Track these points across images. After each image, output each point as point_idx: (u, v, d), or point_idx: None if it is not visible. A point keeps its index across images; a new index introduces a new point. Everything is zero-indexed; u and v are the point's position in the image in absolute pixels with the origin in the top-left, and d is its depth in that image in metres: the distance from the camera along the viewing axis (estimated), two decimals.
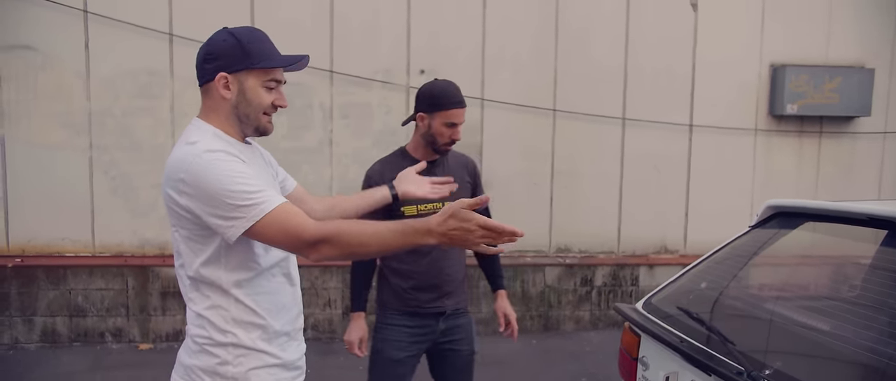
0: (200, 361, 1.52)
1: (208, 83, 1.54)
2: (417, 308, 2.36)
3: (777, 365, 1.71)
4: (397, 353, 2.34)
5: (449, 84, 2.30)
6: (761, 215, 2.36)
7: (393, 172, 2.21)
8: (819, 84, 5.16)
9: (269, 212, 1.40)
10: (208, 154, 1.43)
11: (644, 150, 5.17)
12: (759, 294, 2.35)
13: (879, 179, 5.52)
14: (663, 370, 2.08)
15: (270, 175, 1.69)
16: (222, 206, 1.40)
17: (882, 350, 1.71)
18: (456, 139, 2.29)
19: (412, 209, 2.27)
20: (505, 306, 2.57)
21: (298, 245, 1.42)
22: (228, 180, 1.40)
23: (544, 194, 5.10)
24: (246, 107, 1.55)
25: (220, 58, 1.51)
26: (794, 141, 5.37)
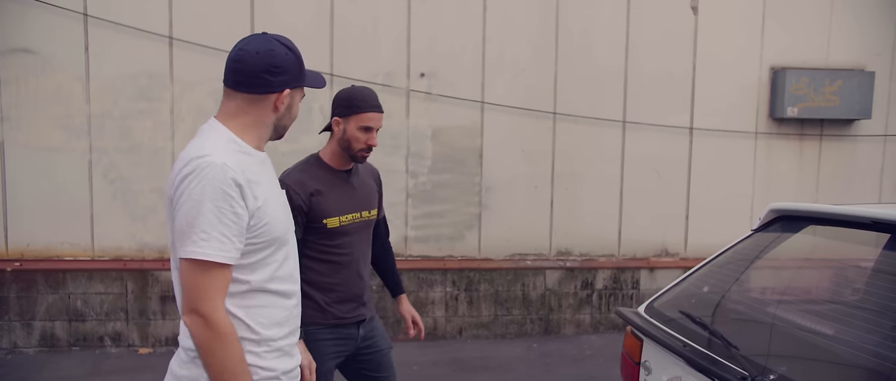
0: (190, 372, 1.50)
1: (265, 94, 1.52)
2: (339, 320, 2.31)
3: (781, 370, 1.70)
4: (324, 365, 2.28)
5: (366, 89, 2.29)
6: (764, 218, 2.35)
7: (313, 181, 2.23)
8: (819, 87, 5.15)
9: (198, 259, 1.39)
10: (217, 173, 1.41)
11: (644, 152, 5.16)
12: (762, 298, 2.34)
13: (880, 183, 5.51)
14: (666, 375, 2.07)
15: (277, 186, 1.67)
16: (188, 227, 1.41)
17: (885, 354, 1.70)
18: (372, 145, 2.25)
19: (335, 222, 2.25)
20: (410, 308, 2.59)
21: (190, 305, 1.42)
22: (207, 212, 1.39)
23: (545, 197, 5.09)
24: (288, 120, 1.61)
25: (287, 73, 1.53)
26: (794, 144, 5.36)
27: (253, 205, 1.47)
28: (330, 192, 2.26)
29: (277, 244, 1.56)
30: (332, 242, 2.28)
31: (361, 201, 2.36)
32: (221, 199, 1.40)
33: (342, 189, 2.30)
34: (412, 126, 4.84)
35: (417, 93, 4.82)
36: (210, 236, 1.39)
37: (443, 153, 4.92)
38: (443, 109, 4.88)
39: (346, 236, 2.30)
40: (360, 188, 2.37)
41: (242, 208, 1.44)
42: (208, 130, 1.54)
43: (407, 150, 4.85)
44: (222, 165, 1.42)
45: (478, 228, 5.01)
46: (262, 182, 1.52)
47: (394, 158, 4.84)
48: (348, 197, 2.32)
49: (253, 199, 1.47)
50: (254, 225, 1.48)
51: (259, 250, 1.52)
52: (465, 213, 4.99)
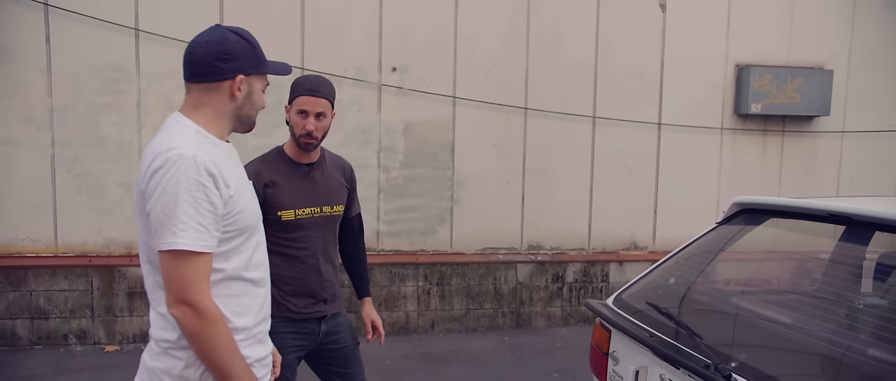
0: (163, 363, 1.50)
1: (219, 82, 1.54)
2: (296, 314, 2.29)
3: (742, 358, 1.76)
4: (284, 358, 2.22)
5: (311, 75, 2.27)
6: (727, 211, 2.42)
7: (270, 172, 2.22)
8: (782, 84, 5.29)
9: (179, 249, 1.40)
10: (190, 164, 1.41)
11: (614, 148, 5.24)
12: (726, 289, 2.41)
13: (838, 177, 5.70)
14: (633, 365, 2.12)
15: (245, 176, 1.66)
16: (165, 220, 1.41)
17: (839, 341, 1.77)
18: (310, 131, 2.18)
19: (290, 214, 2.23)
20: (372, 313, 2.55)
21: (177, 296, 1.42)
22: (183, 204, 1.40)
23: (516, 192, 5.14)
24: (249, 109, 1.60)
25: (238, 59, 1.54)
26: (758, 139, 5.51)
27: (226, 194, 1.48)
28: (287, 184, 2.23)
29: (249, 232, 1.58)
30: (288, 235, 2.25)
31: (323, 195, 2.31)
32: (196, 189, 1.41)
33: (301, 182, 2.27)
34: (384, 121, 4.83)
35: (389, 87, 4.81)
36: (188, 226, 1.40)
37: (415, 148, 4.92)
38: (415, 104, 4.88)
39: (302, 230, 2.27)
40: (322, 182, 2.32)
41: (217, 197, 1.45)
42: (173, 123, 1.53)
43: (379, 144, 4.84)
44: (193, 156, 1.42)
45: (450, 222, 5.03)
46: (231, 172, 1.53)
47: (366, 153, 4.83)
48: (307, 190, 2.27)
49: (225, 187, 1.48)
50: (227, 213, 1.49)
51: (232, 238, 1.53)
52: (437, 207, 5.01)
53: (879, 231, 1.98)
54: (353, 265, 2.59)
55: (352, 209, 2.50)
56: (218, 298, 1.50)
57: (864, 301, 1.94)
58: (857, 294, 1.97)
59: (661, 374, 2.01)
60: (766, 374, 1.67)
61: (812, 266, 2.26)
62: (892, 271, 1.97)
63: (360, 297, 2.58)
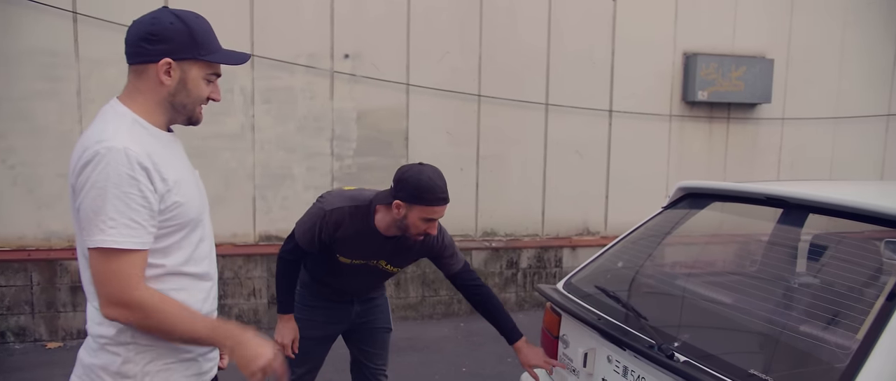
0: (100, 359, 1.45)
1: (146, 64, 1.45)
2: (330, 296, 2.45)
3: (685, 338, 1.82)
4: (311, 331, 2.39)
5: (436, 178, 2.15)
6: (673, 196, 2.49)
7: (353, 230, 2.21)
8: (726, 72, 5.46)
9: (107, 248, 1.33)
10: (120, 158, 1.34)
11: (566, 135, 5.31)
12: (671, 272, 2.48)
13: (778, 162, 5.93)
14: (582, 347, 2.16)
15: (189, 168, 1.59)
16: (94, 216, 1.34)
17: (776, 320, 1.85)
18: (432, 234, 2.21)
19: (346, 260, 2.30)
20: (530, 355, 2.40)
21: (109, 297, 1.36)
22: (113, 199, 1.33)
23: (470, 179, 5.16)
24: (184, 97, 1.48)
25: (167, 42, 1.43)
26: (704, 126, 5.67)
27: (162, 187, 1.41)
28: (358, 243, 2.25)
29: (191, 226, 1.51)
30: (340, 267, 2.34)
31: (388, 255, 2.33)
32: (127, 184, 1.34)
33: (373, 245, 2.27)
34: (337, 108, 4.77)
35: (342, 74, 4.75)
36: (118, 222, 1.34)
37: (368, 136, 4.88)
38: (368, 92, 4.83)
39: (353, 269, 2.36)
40: (393, 249, 2.31)
41: (151, 191, 1.38)
42: (109, 111, 1.46)
43: (332, 132, 4.78)
44: (123, 149, 1.35)
45: None
46: (171, 164, 1.46)
47: (318, 141, 4.76)
48: (374, 251, 2.29)
49: (161, 182, 1.41)
50: (165, 208, 1.42)
51: (172, 233, 1.46)
52: None
53: (813, 213, 2.07)
54: (488, 313, 2.49)
55: (451, 268, 2.45)
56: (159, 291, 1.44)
57: (798, 281, 2.03)
58: (792, 274, 2.06)
59: (608, 355, 2.06)
60: (706, 352, 1.73)
61: (752, 248, 2.35)
62: (824, 252, 2.07)
63: (511, 343, 2.45)
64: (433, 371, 4.04)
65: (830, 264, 2.00)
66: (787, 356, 1.68)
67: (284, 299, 2.34)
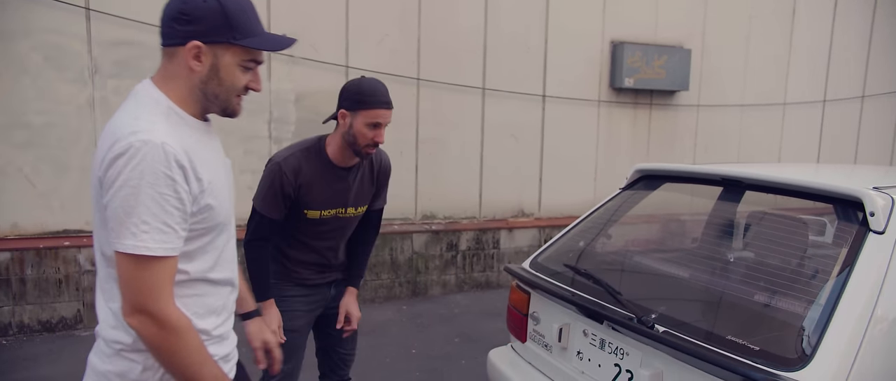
0: (116, 366, 1.34)
1: (175, 47, 1.31)
2: (306, 281, 2.38)
3: (661, 309, 1.95)
4: (293, 322, 2.34)
5: (377, 82, 2.17)
6: (630, 177, 2.63)
7: (310, 172, 2.17)
8: (650, 61, 5.77)
9: (136, 254, 1.22)
10: (157, 154, 1.21)
11: (502, 119, 5.43)
12: (630, 249, 2.63)
13: (694, 146, 6.35)
14: (556, 323, 2.26)
15: (222, 162, 1.47)
16: (124, 217, 1.22)
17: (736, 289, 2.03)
18: (379, 142, 2.17)
19: (315, 214, 2.24)
20: (351, 303, 2.46)
21: (135, 304, 1.25)
22: (147, 200, 1.22)
23: (410, 163, 5.17)
24: (216, 86, 1.35)
25: (197, 22, 1.29)
26: (629, 111, 5.97)
27: (196, 189, 1.29)
28: (321, 187, 2.20)
29: (219, 230, 1.40)
30: (310, 228, 2.28)
31: (352, 197, 2.30)
32: (163, 184, 1.23)
33: (336, 186, 2.23)
34: (275, 90, 4.62)
35: (280, 55, 4.60)
36: (151, 226, 1.22)
37: (307, 118, 4.77)
38: (306, 73, 4.71)
39: (324, 226, 2.30)
40: (355, 186, 2.30)
41: (186, 192, 1.27)
42: (143, 95, 1.32)
43: (269, 115, 4.63)
44: (162, 144, 1.22)
45: None
46: (206, 159, 1.34)
47: (256, 123, 4.60)
48: (339, 193, 2.26)
49: (196, 182, 1.29)
50: (196, 211, 1.31)
51: (200, 237, 1.35)
52: None
53: (759, 191, 2.27)
54: (354, 254, 2.49)
55: (375, 203, 2.45)
56: (179, 299, 1.33)
57: (735, 255, 2.25)
58: (730, 249, 2.28)
59: (584, 330, 2.17)
60: (681, 321, 1.87)
61: (702, 224, 2.53)
62: (771, 226, 2.28)
63: (346, 285, 2.48)
64: (384, 354, 4.05)
65: (777, 239, 2.20)
66: (755, 321, 1.85)
67: (262, 285, 2.23)
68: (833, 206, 2.01)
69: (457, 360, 4.00)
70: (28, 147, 4.04)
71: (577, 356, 2.18)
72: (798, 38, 6.67)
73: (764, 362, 1.60)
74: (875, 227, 1.72)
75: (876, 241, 1.70)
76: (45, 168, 4.10)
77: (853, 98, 7.10)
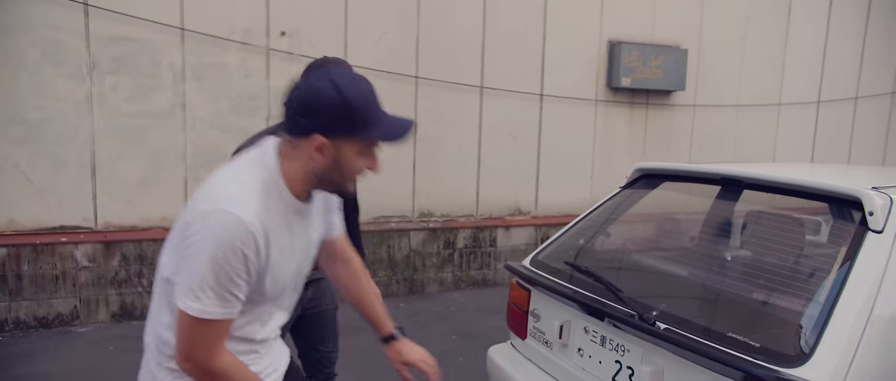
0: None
1: (296, 137, 1.32)
2: None
3: (661, 307, 1.97)
4: None
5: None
6: (630, 176, 2.64)
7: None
8: (647, 61, 5.79)
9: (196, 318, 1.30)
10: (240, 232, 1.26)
11: (500, 118, 5.45)
12: (630, 247, 2.65)
13: (690, 145, 6.39)
14: (557, 320, 2.27)
15: (303, 246, 1.49)
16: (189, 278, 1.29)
17: (736, 287, 2.05)
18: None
19: None
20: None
21: (186, 354, 1.34)
22: (217, 270, 1.27)
23: (407, 161, 5.18)
24: (336, 174, 1.36)
25: (321, 116, 1.28)
26: (626, 111, 6.00)
27: (263, 266, 1.34)
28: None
29: (276, 302, 1.46)
30: None
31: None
32: (236, 259, 1.27)
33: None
34: (273, 87, 4.62)
35: (278, 52, 4.60)
36: (216, 294, 1.28)
37: None
38: None
39: None
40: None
41: (255, 268, 1.32)
42: (258, 161, 1.36)
43: (268, 112, 4.63)
44: (248, 223, 1.26)
45: None
46: (283, 241, 1.37)
47: (254, 121, 4.59)
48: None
49: (265, 260, 1.34)
50: (256, 282, 1.36)
51: (256, 305, 1.42)
52: None
53: (747, 189, 2.30)
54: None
55: None
56: None
57: (733, 253, 2.27)
58: (728, 248, 2.31)
59: (584, 327, 2.18)
60: (681, 318, 1.89)
61: (702, 224, 2.55)
62: (770, 225, 2.30)
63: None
64: (381, 352, 4.05)
65: (775, 237, 2.23)
66: (755, 319, 1.87)
67: None
68: (829, 205, 2.04)
69: (454, 357, 4.01)
70: (25, 143, 4.03)
71: (577, 353, 2.20)
72: (793, 38, 6.72)
73: (764, 358, 1.62)
74: (874, 226, 1.74)
75: (875, 240, 1.72)
76: (42, 164, 4.09)
77: (847, 99, 7.16)
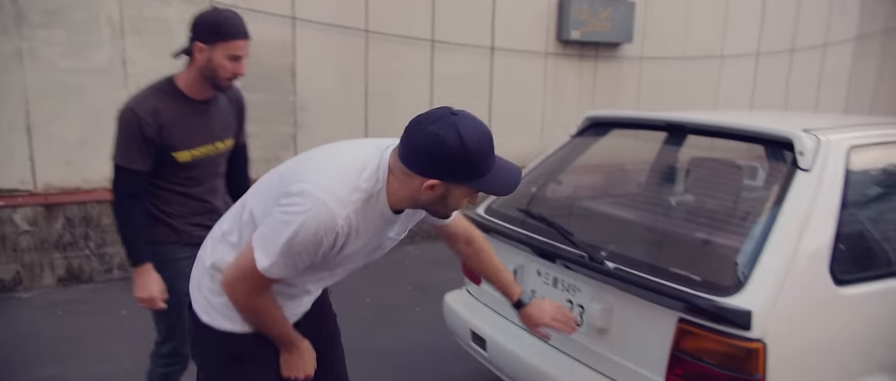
0: None
1: (414, 174, 1.38)
2: (195, 240, 2.17)
3: (610, 248, 2.06)
4: (185, 285, 2.13)
5: (233, 14, 2.09)
6: (580, 125, 2.72)
7: (168, 111, 2.05)
8: (596, 13, 5.85)
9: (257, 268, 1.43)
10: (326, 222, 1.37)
11: (452, 71, 5.44)
12: (582, 194, 2.74)
13: (637, 96, 6.55)
14: (511, 265, 2.36)
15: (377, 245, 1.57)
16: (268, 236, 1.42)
17: (680, 228, 2.17)
18: (240, 74, 2.09)
19: (186, 156, 2.12)
20: None
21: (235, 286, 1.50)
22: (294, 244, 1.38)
23: (359, 116, 5.14)
24: (439, 206, 1.45)
25: (443, 163, 1.35)
26: (576, 63, 6.08)
27: (333, 254, 1.46)
28: (183, 123, 2.09)
29: (321, 272, 1.57)
30: (182, 173, 2.17)
31: (217, 131, 2.21)
32: (313, 242, 1.38)
33: (196, 120, 2.13)
34: None
35: (222, 4, 4.43)
36: (284, 260, 1.40)
37: (253, 71, 4.62)
38: (252, 24, 4.47)
39: (196, 169, 2.19)
40: (216, 118, 2.21)
41: (326, 253, 1.43)
42: (371, 163, 1.42)
43: None
44: (334, 218, 1.37)
45: (293, 148, 4.90)
46: (363, 237, 1.47)
47: None
48: (202, 128, 2.16)
49: (339, 251, 1.45)
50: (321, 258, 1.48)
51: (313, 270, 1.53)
52: (280, 133, 4.84)
53: (691, 134, 2.41)
54: (237, 194, 2.45)
55: (240, 138, 2.39)
56: None
57: (677, 197, 2.40)
58: (673, 192, 2.43)
59: (537, 270, 2.28)
60: (629, 257, 1.99)
61: (649, 169, 2.66)
62: (711, 169, 2.42)
63: None
64: (338, 306, 4.10)
65: (716, 181, 2.35)
66: (696, 256, 1.99)
67: (138, 248, 2.10)
68: (765, 147, 2.16)
69: (411, 308, 4.10)
70: None
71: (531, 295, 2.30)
72: None
73: (705, 290, 1.73)
74: (803, 165, 1.86)
75: (803, 178, 1.84)
76: None
77: (783, 51, 7.44)
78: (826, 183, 1.83)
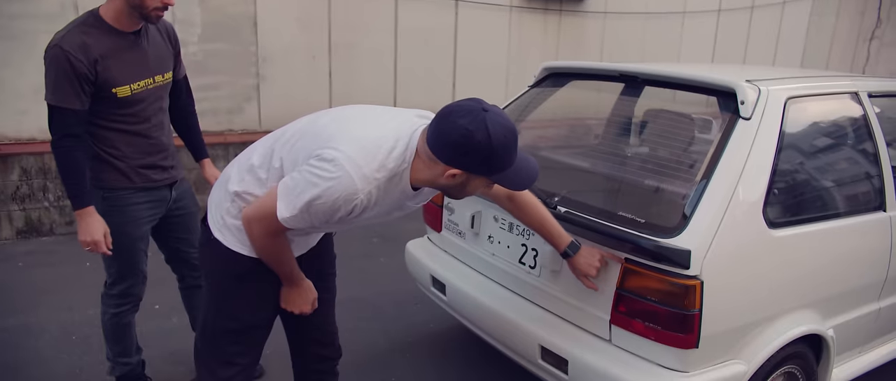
0: None
1: (438, 161, 1.47)
2: (150, 183, 2.23)
3: (562, 193, 2.15)
4: (138, 230, 2.23)
5: None
6: (538, 75, 2.77)
7: (98, 46, 1.98)
8: None
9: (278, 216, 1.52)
10: (350, 194, 1.45)
11: (416, 24, 5.41)
12: (540, 144, 2.82)
13: (601, 52, 6.61)
14: (469, 211, 2.44)
15: (398, 210, 1.66)
16: (293, 190, 1.49)
17: (630, 175, 2.27)
18: (170, 4, 2.03)
19: (126, 90, 2.07)
20: (214, 172, 2.49)
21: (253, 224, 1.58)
22: (314, 204, 1.46)
23: (323, 67, 5.10)
24: (458, 192, 1.57)
25: (469, 157, 1.43)
26: (540, 17, 6.09)
27: (349, 221, 1.54)
28: (117, 57, 2.03)
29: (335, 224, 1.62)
30: (125, 110, 2.10)
31: (153, 65, 2.16)
32: (331, 209, 1.46)
33: (130, 54, 2.07)
34: None
35: None
36: (302, 213, 1.48)
37: (214, 21, 4.55)
38: None
39: (138, 104, 2.13)
40: (151, 50, 2.15)
41: (343, 218, 1.51)
42: (398, 146, 1.49)
43: (172, 15, 4.38)
44: (357, 190, 1.44)
45: (257, 99, 4.86)
46: (380, 207, 1.55)
47: None
48: (138, 62, 2.10)
49: (356, 218, 1.53)
50: None
51: None
52: (243, 84, 4.79)
53: (655, 86, 2.49)
54: (187, 129, 2.47)
55: (179, 72, 2.35)
56: None
57: (632, 148, 2.49)
58: (627, 143, 2.52)
59: (494, 215, 2.36)
60: (581, 202, 2.08)
61: (606, 119, 2.74)
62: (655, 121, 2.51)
63: (198, 159, 2.51)
64: None
65: (669, 132, 2.44)
66: (644, 201, 2.09)
67: (80, 190, 2.04)
68: (716, 98, 2.25)
69: (376, 258, 4.18)
70: None
71: (487, 240, 2.39)
72: None
73: (649, 232, 1.84)
74: (744, 114, 1.96)
75: (743, 127, 1.94)
76: None
77: (744, 8, 7.56)
78: (764, 131, 1.93)
